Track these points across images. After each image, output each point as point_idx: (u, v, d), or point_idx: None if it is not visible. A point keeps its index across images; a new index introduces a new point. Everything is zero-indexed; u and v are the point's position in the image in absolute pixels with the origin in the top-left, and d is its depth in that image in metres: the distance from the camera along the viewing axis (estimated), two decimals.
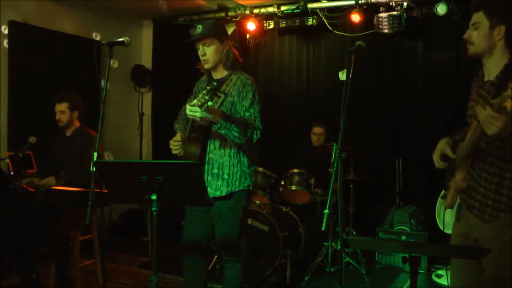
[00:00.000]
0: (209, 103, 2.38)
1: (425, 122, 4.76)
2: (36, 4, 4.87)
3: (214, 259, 4.02)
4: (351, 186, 4.50)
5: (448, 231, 2.23)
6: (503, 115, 1.63)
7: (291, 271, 3.98)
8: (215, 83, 2.52)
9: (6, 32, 4.62)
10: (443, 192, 2.31)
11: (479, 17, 1.96)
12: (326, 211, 2.02)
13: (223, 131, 2.51)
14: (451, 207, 2.10)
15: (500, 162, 1.89)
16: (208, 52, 2.69)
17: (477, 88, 2.04)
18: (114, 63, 5.76)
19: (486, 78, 2.01)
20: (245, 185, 2.71)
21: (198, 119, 2.44)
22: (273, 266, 3.94)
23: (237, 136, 2.53)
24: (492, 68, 1.98)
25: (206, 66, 2.74)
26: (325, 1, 4.95)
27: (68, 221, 3.45)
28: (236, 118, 2.60)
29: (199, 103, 2.38)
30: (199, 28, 2.69)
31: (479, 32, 1.96)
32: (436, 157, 2.14)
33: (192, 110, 2.39)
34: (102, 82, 2.56)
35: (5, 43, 4.63)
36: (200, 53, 2.71)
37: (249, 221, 3.99)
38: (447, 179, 2.16)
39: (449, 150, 2.07)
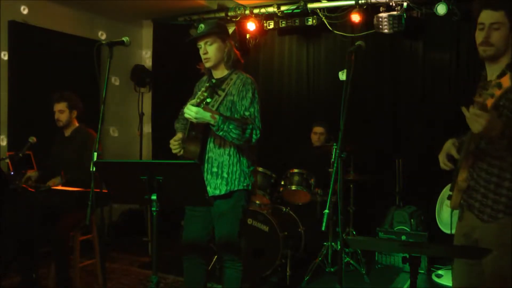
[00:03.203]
0: (208, 100, 2.38)
1: (425, 122, 4.77)
2: (36, 4, 4.87)
3: (214, 259, 4.02)
4: (351, 186, 4.50)
5: (448, 231, 2.22)
6: (487, 113, 1.61)
7: (291, 271, 3.98)
8: (213, 80, 2.53)
9: (6, 32, 4.63)
10: (444, 190, 2.30)
11: (499, 17, 1.85)
12: (326, 211, 2.02)
13: (221, 133, 2.51)
14: (455, 207, 2.09)
15: (499, 162, 1.89)
16: (210, 51, 2.68)
17: (480, 88, 2.03)
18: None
19: (489, 78, 2.01)
20: (244, 184, 2.70)
21: (194, 120, 2.45)
22: (273, 266, 3.94)
23: (236, 137, 2.53)
24: (496, 68, 1.96)
25: (207, 65, 2.74)
26: (325, 1, 4.95)
27: (68, 221, 3.45)
28: (235, 119, 2.59)
29: (198, 100, 2.38)
30: (201, 27, 2.68)
31: (500, 33, 1.86)
32: (442, 157, 2.13)
33: (188, 110, 2.41)
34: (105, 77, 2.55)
35: (5, 43, 4.63)
36: (201, 51, 2.71)
37: (249, 221, 3.99)
38: (454, 180, 2.15)
39: (454, 151, 2.07)
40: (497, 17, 1.86)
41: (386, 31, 4.56)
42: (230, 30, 5.19)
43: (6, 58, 4.63)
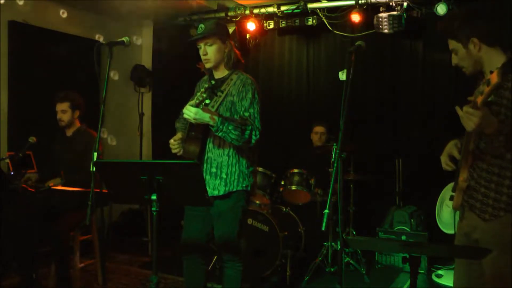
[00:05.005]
0: (207, 101, 2.39)
1: (425, 122, 4.76)
2: (36, 4, 4.86)
3: (214, 259, 4.02)
4: (351, 186, 4.50)
5: (448, 231, 2.22)
6: (479, 110, 1.66)
7: (291, 271, 3.98)
8: (213, 82, 2.53)
9: (6, 32, 4.62)
10: (444, 190, 2.31)
11: (451, 43, 2.05)
12: (326, 211, 2.02)
13: (220, 134, 2.51)
14: (457, 208, 2.10)
15: (499, 162, 1.90)
16: (209, 52, 2.68)
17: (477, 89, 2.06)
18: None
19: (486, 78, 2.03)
20: (244, 185, 2.70)
21: (193, 120, 2.45)
22: (273, 266, 3.94)
23: (235, 138, 2.53)
24: (490, 70, 1.98)
25: (208, 66, 2.74)
26: (325, 1, 4.95)
27: (68, 221, 3.45)
28: (234, 120, 2.59)
29: (197, 101, 2.39)
30: (201, 27, 2.68)
31: (459, 56, 2.04)
32: (444, 158, 2.14)
33: (187, 110, 2.42)
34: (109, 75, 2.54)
35: (5, 43, 4.62)
36: (201, 52, 2.70)
37: (249, 221, 3.99)
38: (456, 181, 2.16)
39: (456, 152, 2.08)
40: (450, 44, 2.07)
41: (386, 31, 4.55)
42: (230, 30, 5.21)
43: (6, 58, 4.61)
